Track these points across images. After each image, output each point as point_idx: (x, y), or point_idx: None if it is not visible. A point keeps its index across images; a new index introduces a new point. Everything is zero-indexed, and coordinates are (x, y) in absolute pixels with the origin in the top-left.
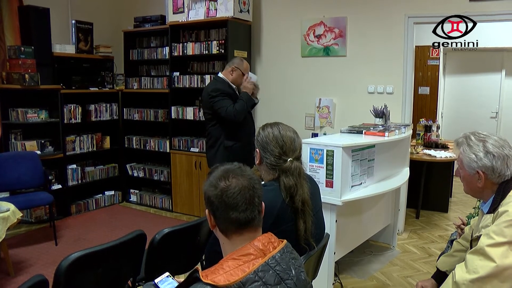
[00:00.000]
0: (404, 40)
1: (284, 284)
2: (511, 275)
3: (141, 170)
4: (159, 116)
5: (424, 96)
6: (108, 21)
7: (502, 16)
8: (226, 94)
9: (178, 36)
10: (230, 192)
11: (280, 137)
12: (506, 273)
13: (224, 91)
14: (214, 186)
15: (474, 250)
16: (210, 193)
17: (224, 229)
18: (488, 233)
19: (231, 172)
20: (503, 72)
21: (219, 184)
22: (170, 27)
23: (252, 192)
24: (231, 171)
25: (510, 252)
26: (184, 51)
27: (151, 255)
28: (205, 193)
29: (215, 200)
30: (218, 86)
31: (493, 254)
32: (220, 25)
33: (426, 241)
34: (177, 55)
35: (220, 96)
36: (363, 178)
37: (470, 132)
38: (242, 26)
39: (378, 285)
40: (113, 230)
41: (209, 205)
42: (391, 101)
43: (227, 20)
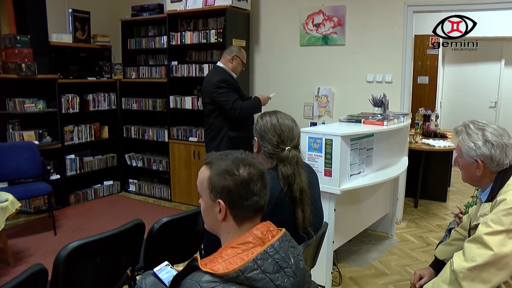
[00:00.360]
0: (403, 29)
1: (283, 272)
2: (508, 263)
3: (140, 160)
4: (158, 106)
5: (423, 86)
6: (105, 10)
7: (502, 4)
8: (232, 87)
9: (176, 25)
10: (254, 179)
11: (278, 125)
12: (503, 261)
13: (230, 83)
14: (234, 175)
15: (472, 239)
16: (229, 182)
17: (242, 217)
18: (486, 222)
19: (245, 160)
20: (503, 62)
21: (240, 172)
22: (168, 16)
23: (266, 178)
24: (245, 159)
25: (507, 240)
26: (182, 40)
27: (150, 244)
28: (217, 183)
29: (238, 188)
30: (224, 77)
31: (490, 242)
32: (218, 13)
33: (425, 230)
34: (175, 44)
35: (225, 88)
36: (362, 167)
37: (469, 121)
38: (240, 15)
39: (377, 274)
40: (112, 220)
41: (225, 195)
42: (390, 90)
43: (226, 8)
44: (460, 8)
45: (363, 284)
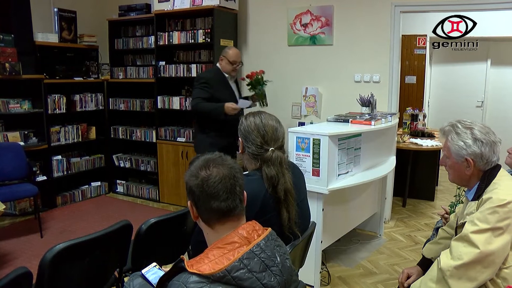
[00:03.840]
0: (391, 29)
1: (269, 271)
2: (494, 260)
3: (128, 160)
4: (145, 106)
5: (410, 85)
6: (92, 9)
7: (490, 5)
8: (205, 84)
9: (164, 25)
10: (211, 182)
11: (262, 126)
12: (489, 259)
13: (207, 79)
14: (195, 176)
15: (459, 237)
16: (191, 183)
17: (207, 219)
18: (473, 220)
19: (211, 162)
20: (489, 62)
21: (199, 173)
22: (156, 16)
23: (233, 181)
24: (211, 160)
25: (493, 238)
26: (170, 40)
27: (138, 246)
28: (187, 183)
29: (196, 190)
30: (203, 74)
31: (477, 240)
32: (206, 13)
33: (413, 229)
34: (162, 44)
35: (199, 83)
36: (350, 167)
37: (455, 121)
38: (228, 15)
39: (365, 273)
40: (99, 221)
41: (190, 195)
42: (377, 90)
43: (213, 8)
44: (447, 9)
45: (351, 283)
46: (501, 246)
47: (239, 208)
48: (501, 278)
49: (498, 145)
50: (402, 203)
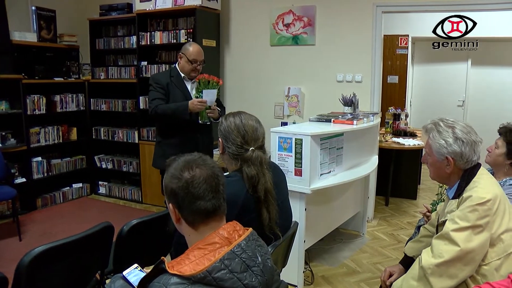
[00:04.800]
0: (373, 29)
1: (250, 271)
2: (474, 258)
3: (110, 161)
4: (127, 107)
5: (393, 85)
6: (72, 9)
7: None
8: (159, 86)
9: (146, 25)
10: (196, 182)
11: (241, 126)
12: (469, 256)
13: (158, 82)
14: (177, 178)
15: (440, 235)
16: (174, 185)
17: (191, 221)
18: (453, 218)
19: (193, 162)
20: (469, 62)
21: (182, 175)
22: (137, 15)
23: (217, 180)
24: (192, 161)
25: (473, 236)
26: (151, 40)
27: (119, 247)
28: (167, 186)
29: (180, 192)
30: (157, 76)
31: (457, 238)
32: (188, 13)
33: (395, 228)
34: (144, 44)
35: (152, 86)
36: (332, 166)
37: (438, 119)
38: (210, 15)
39: (348, 272)
40: (81, 223)
41: (173, 198)
42: (360, 90)
43: (195, 8)
44: (427, 9)
45: (335, 282)
46: (481, 243)
47: (223, 206)
48: (480, 275)
49: (479, 144)
50: (385, 202)
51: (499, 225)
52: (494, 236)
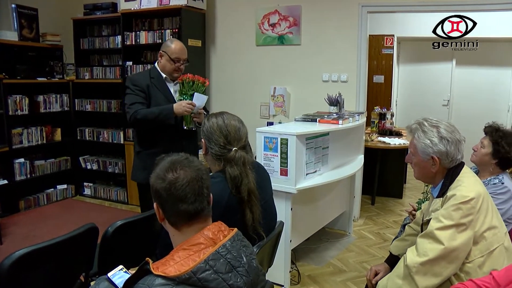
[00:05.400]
0: (358, 29)
1: (235, 272)
2: (457, 256)
3: (95, 162)
4: (113, 107)
5: (378, 85)
6: (55, 7)
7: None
8: (138, 88)
9: (131, 25)
10: (179, 184)
11: (224, 126)
12: (453, 254)
13: (137, 84)
14: (162, 178)
15: (424, 234)
16: (158, 186)
17: (174, 222)
18: (437, 217)
19: (178, 164)
20: (454, 62)
21: (166, 176)
22: (122, 15)
23: (201, 183)
24: (178, 162)
25: (457, 234)
26: (137, 40)
27: (104, 249)
28: (152, 186)
29: (164, 192)
30: (135, 77)
31: (441, 237)
32: (173, 13)
33: (381, 227)
34: (129, 44)
35: (129, 89)
36: (318, 166)
37: (421, 119)
38: (196, 15)
39: (335, 271)
40: (65, 225)
41: (157, 198)
42: (345, 90)
43: (181, 8)
44: (413, 9)
45: (321, 282)
46: (465, 241)
47: (207, 209)
48: (464, 272)
49: (463, 143)
50: (371, 201)
51: (482, 223)
52: (478, 234)
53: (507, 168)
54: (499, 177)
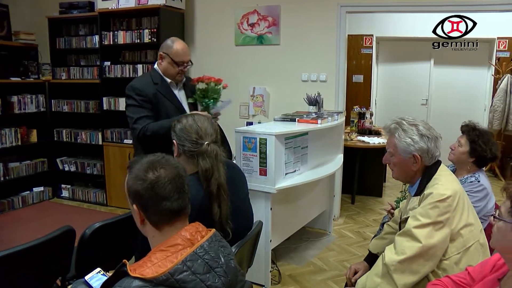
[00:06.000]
0: (337, 29)
1: (213, 272)
2: (435, 253)
3: (73, 164)
4: (90, 108)
5: (358, 84)
6: (28, 5)
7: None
8: (143, 98)
9: (108, 24)
10: (161, 183)
11: (194, 124)
12: (430, 252)
13: (141, 93)
14: (142, 179)
15: (402, 232)
16: (139, 187)
17: (157, 221)
18: (415, 215)
19: (157, 163)
20: (432, 61)
21: (147, 176)
22: (100, 14)
23: (182, 180)
24: (156, 161)
25: (434, 232)
26: (115, 40)
27: (82, 252)
28: (131, 187)
29: (145, 193)
30: (138, 83)
31: (419, 235)
32: (152, 13)
33: (361, 226)
34: (107, 44)
35: (133, 99)
36: (297, 166)
37: (399, 118)
38: (174, 14)
39: (315, 270)
40: (42, 228)
41: (137, 199)
42: (324, 89)
43: (159, 8)
44: (390, 10)
45: (302, 281)
46: (442, 239)
47: (188, 207)
48: (441, 269)
49: (440, 140)
50: (351, 200)
51: (459, 220)
52: (454, 231)
53: (484, 166)
54: (476, 175)
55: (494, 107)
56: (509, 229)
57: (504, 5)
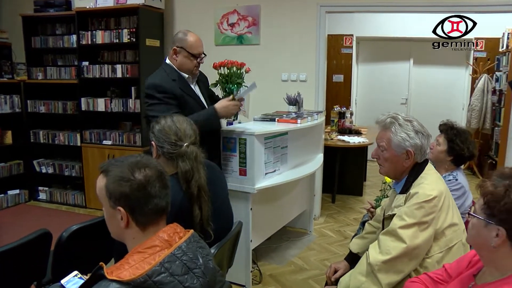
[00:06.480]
0: (317, 29)
1: (192, 274)
2: (418, 253)
3: (50, 166)
4: (68, 108)
5: (338, 84)
6: (1, 2)
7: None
8: (167, 95)
9: (86, 24)
10: (151, 181)
11: (173, 125)
12: (414, 252)
13: (164, 90)
14: (129, 180)
15: (387, 231)
16: (125, 189)
17: (144, 222)
18: (401, 215)
19: (140, 163)
20: (411, 61)
21: (135, 177)
22: (77, 13)
23: (165, 178)
24: (139, 162)
25: (419, 232)
26: (93, 40)
27: (59, 255)
28: (114, 191)
29: (135, 193)
30: (156, 81)
31: (404, 235)
32: (131, 12)
33: (342, 225)
34: (85, 44)
35: (155, 98)
36: (277, 165)
37: (393, 113)
38: (154, 14)
39: (296, 270)
40: (17, 232)
41: (123, 201)
42: (304, 89)
43: (138, 7)
44: (370, 10)
45: (283, 280)
46: (426, 239)
47: (169, 205)
48: (423, 268)
49: (430, 138)
50: (331, 199)
51: (444, 220)
52: (439, 231)
53: (461, 164)
54: (453, 173)
55: (472, 106)
56: (483, 226)
57: (480, 6)
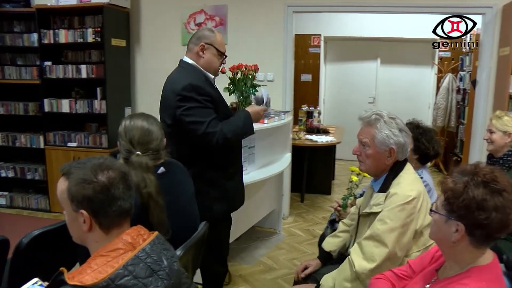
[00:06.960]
0: (284, 29)
1: (156, 276)
2: (400, 256)
3: (11, 169)
4: (30, 110)
5: (306, 83)
6: None
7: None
8: (206, 98)
9: (48, 22)
10: (115, 183)
11: (129, 130)
12: (397, 255)
13: (203, 92)
14: (93, 182)
15: (370, 236)
16: (88, 191)
17: (108, 225)
18: (383, 219)
19: (103, 165)
20: (378, 61)
21: (98, 179)
22: (37, 10)
23: (129, 179)
24: (102, 164)
25: (401, 236)
26: (56, 39)
27: (17, 262)
28: (77, 193)
29: (98, 195)
30: (194, 82)
31: (387, 239)
32: (95, 11)
33: (311, 223)
34: (48, 43)
35: (195, 101)
36: (245, 166)
37: (377, 110)
38: (119, 13)
39: (265, 269)
40: None
41: (86, 204)
42: (272, 89)
43: (103, 6)
44: (336, 10)
45: (252, 280)
46: (407, 241)
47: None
48: None
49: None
50: (300, 199)
51: (423, 220)
52: (418, 231)
53: (427, 162)
54: (419, 171)
55: (438, 105)
56: (443, 222)
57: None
